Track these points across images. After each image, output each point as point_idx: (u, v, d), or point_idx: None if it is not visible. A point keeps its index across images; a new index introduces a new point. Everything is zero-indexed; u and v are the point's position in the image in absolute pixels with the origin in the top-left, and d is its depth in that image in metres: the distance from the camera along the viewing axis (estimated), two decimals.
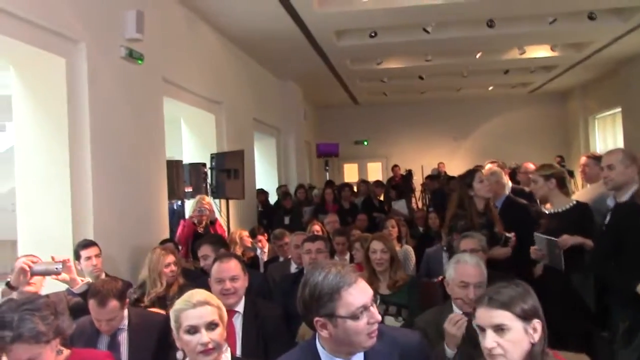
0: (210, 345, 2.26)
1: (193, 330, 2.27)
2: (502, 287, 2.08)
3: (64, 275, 3.40)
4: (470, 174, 4.77)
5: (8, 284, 3.13)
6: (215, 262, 3.41)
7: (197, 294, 2.38)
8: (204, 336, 2.26)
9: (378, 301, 2.05)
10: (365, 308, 1.95)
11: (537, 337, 2.03)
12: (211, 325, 2.29)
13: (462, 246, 4.01)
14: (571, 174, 10.78)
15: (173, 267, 4.30)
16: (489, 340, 2.01)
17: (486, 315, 2.04)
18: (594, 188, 5.05)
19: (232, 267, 3.34)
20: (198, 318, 2.28)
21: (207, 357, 2.27)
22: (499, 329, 2.01)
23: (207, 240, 4.74)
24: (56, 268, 3.20)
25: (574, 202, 4.37)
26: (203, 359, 2.28)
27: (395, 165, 14.35)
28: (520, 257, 4.48)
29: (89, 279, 3.64)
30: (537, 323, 2.04)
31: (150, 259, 4.33)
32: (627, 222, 3.51)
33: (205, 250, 4.57)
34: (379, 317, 1.99)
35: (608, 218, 3.80)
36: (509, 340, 2.00)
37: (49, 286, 3.50)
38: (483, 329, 2.04)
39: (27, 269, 3.07)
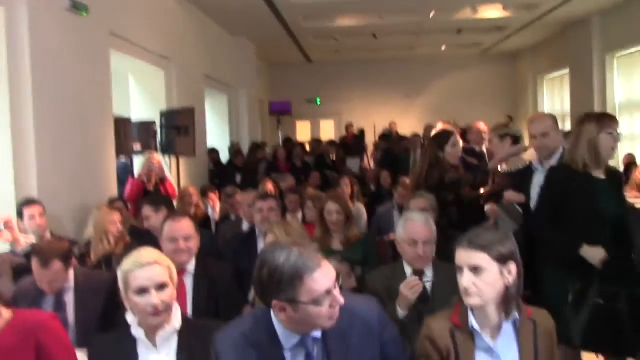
0: (160, 307, 2.22)
1: (142, 291, 2.22)
2: (483, 231, 2.18)
3: (6, 236, 3.29)
4: (445, 137, 4.65)
5: None
6: (167, 221, 3.33)
7: (146, 253, 2.32)
8: (154, 297, 2.21)
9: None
10: (328, 292, 1.87)
11: (511, 279, 2.12)
12: (161, 286, 2.24)
13: (412, 205, 4.06)
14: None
15: (119, 226, 4.21)
16: (466, 279, 2.10)
17: (464, 256, 2.12)
18: None
19: (185, 226, 3.28)
20: (147, 279, 2.23)
21: (157, 318, 2.24)
22: (475, 269, 2.09)
23: (148, 200, 4.62)
24: None
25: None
26: (153, 320, 2.24)
27: (349, 124, 14.33)
28: (471, 215, 4.54)
29: (32, 240, 3.53)
30: (512, 266, 2.13)
31: (95, 217, 4.23)
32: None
33: (146, 211, 4.46)
34: (342, 300, 1.90)
35: (543, 182, 3.80)
36: (484, 281, 2.09)
37: None
38: (461, 269, 2.12)
39: None
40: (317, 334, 1.98)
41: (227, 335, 2.02)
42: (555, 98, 13.98)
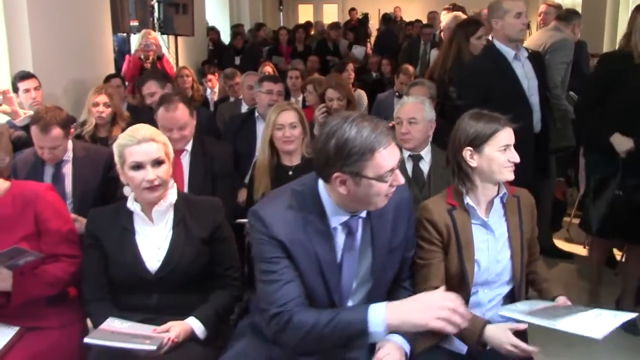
0: (156, 182, 2.22)
1: (138, 166, 2.22)
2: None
3: (4, 107, 3.24)
4: (474, 25, 4.39)
5: None
6: (160, 109, 3.20)
7: (142, 129, 2.30)
8: (150, 173, 2.21)
9: None
10: (392, 171, 1.87)
11: None
12: (157, 162, 2.24)
13: (411, 92, 4.01)
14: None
15: (102, 109, 4.12)
16: (515, 154, 2.24)
17: (512, 135, 2.25)
18: (543, 32, 4.99)
19: (179, 115, 3.16)
20: (143, 154, 2.22)
21: (153, 193, 2.25)
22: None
23: (152, 76, 4.53)
24: None
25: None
26: (148, 195, 2.25)
27: (353, 9, 13.89)
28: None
29: (31, 112, 3.48)
30: None
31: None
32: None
33: (150, 86, 4.39)
34: (402, 180, 1.91)
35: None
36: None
37: None
38: (509, 146, 2.23)
39: None
40: (363, 213, 2.00)
41: (273, 208, 1.97)
42: None
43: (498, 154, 2.21)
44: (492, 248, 2.29)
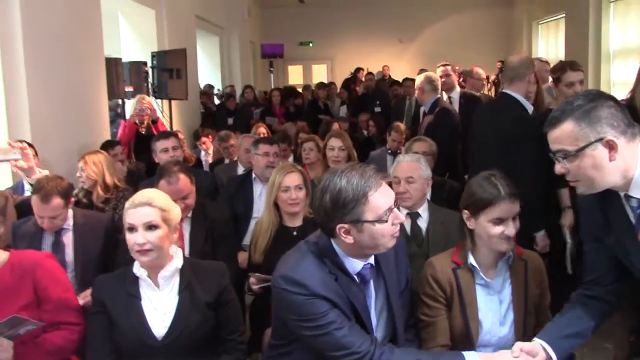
0: (146, 246, 2.23)
1: (131, 228, 2.25)
2: (506, 180, 2.22)
3: (21, 163, 3.25)
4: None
5: None
6: (161, 180, 3.19)
7: (141, 194, 2.34)
8: (140, 236, 2.23)
9: None
10: (390, 210, 1.93)
11: None
12: (150, 227, 2.25)
13: (414, 148, 4.09)
14: None
15: (80, 174, 4.07)
16: (513, 228, 2.18)
17: (513, 208, 2.19)
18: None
19: (181, 186, 3.18)
20: (136, 217, 2.25)
21: (143, 257, 2.25)
22: (514, 217, 2.21)
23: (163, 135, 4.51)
24: (14, 153, 3.06)
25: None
26: (139, 258, 2.26)
27: (359, 69, 13.88)
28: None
29: (47, 172, 3.48)
30: None
31: None
32: None
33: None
34: (403, 218, 1.98)
35: None
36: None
37: None
38: (506, 220, 2.18)
39: None
40: (371, 259, 2.06)
41: (303, 269, 1.98)
42: (549, 44, 13.85)
43: (490, 225, 2.18)
44: (495, 310, 2.28)
